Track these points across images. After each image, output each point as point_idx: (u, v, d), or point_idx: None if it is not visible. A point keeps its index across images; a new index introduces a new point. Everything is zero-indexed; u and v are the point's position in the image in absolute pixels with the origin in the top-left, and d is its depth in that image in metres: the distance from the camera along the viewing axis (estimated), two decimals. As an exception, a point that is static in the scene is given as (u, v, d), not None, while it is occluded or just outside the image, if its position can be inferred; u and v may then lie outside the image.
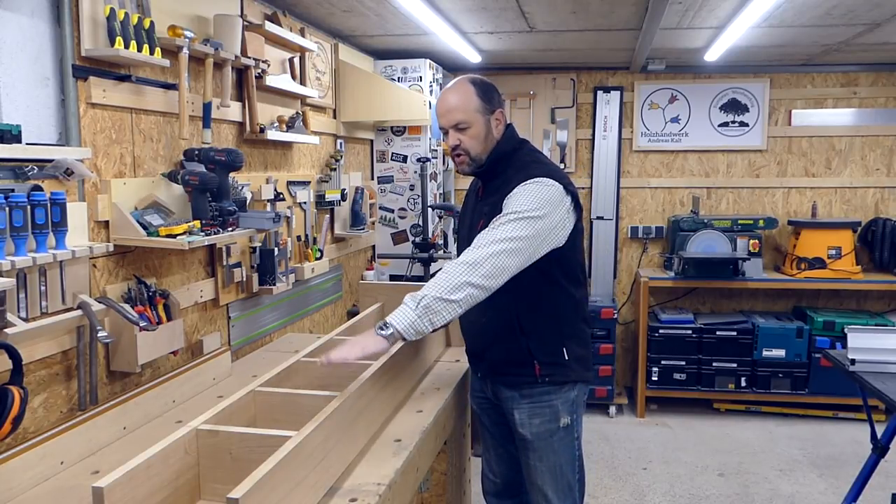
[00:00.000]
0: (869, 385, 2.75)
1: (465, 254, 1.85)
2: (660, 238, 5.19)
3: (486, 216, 2.02)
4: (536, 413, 2.07)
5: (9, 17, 1.74)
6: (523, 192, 1.91)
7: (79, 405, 1.91)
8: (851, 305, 5.03)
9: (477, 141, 2.04)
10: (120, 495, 1.27)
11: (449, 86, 2.09)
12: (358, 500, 1.53)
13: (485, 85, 2.06)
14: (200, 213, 2.20)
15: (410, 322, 1.78)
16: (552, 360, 2.03)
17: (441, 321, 1.81)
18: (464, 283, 1.79)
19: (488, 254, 1.81)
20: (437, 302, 1.78)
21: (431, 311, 1.78)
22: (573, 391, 2.09)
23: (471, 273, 1.80)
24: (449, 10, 3.27)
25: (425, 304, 1.78)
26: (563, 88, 5.15)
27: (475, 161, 2.06)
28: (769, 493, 3.68)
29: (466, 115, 2.02)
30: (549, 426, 2.07)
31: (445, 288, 1.79)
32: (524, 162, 2.04)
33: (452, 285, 1.79)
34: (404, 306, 1.80)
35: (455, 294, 1.79)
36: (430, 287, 1.80)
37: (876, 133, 4.95)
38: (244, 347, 2.83)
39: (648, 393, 4.77)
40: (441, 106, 2.06)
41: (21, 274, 1.71)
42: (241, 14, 2.70)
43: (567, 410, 2.08)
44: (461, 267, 1.81)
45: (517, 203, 1.89)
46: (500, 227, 1.86)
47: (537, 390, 2.06)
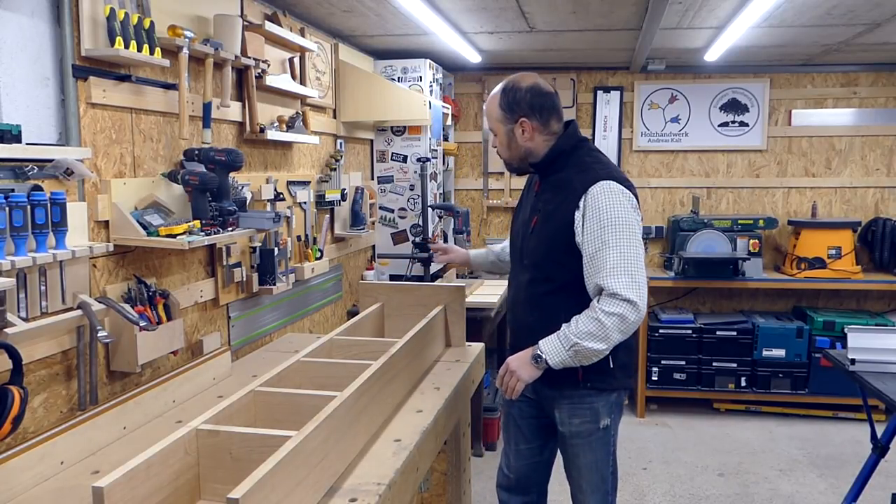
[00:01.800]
0: (869, 385, 2.75)
1: (621, 305, 1.87)
2: (660, 238, 5.19)
3: (539, 212, 2.07)
4: (577, 413, 2.11)
5: (9, 17, 1.74)
6: (604, 200, 1.93)
7: (79, 405, 1.91)
8: (851, 305, 5.03)
9: (503, 147, 2.12)
10: (120, 495, 1.27)
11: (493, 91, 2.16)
12: (358, 500, 1.53)
13: (513, 92, 2.06)
14: (200, 213, 2.20)
15: (561, 360, 1.93)
16: (597, 367, 2.01)
17: (587, 362, 1.94)
18: (613, 333, 1.88)
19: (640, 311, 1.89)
20: (585, 350, 1.90)
21: (580, 356, 1.92)
22: (613, 395, 2.12)
23: (622, 329, 1.88)
24: (449, 10, 3.27)
25: (576, 350, 1.90)
26: (563, 88, 5.15)
27: (509, 164, 2.15)
28: (769, 493, 3.68)
29: (492, 123, 2.12)
30: (588, 426, 2.11)
31: (595, 337, 1.89)
32: (585, 163, 2.05)
33: (602, 336, 1.88)
34: (557, 342, 1.93)
35: (602, 343, 1.89)
36: (582, 333, 1.89)
37: (876, 133, 4.95)
38: (244, 347, 2.83)
39: (648, 393, 4.77)
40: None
41: (21, 274, 1.71)
42: (241, 14, 2.70)
43: (607, 413, 2.11)
44: (613, 320, 1.87)
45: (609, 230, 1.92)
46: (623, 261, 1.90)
47: (578, 392, 2.08)
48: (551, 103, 2.08)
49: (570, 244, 1.97)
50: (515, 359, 2.00)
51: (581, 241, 1.95)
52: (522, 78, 2.08)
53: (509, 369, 1.99)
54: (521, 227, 2.19)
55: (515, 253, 2.23)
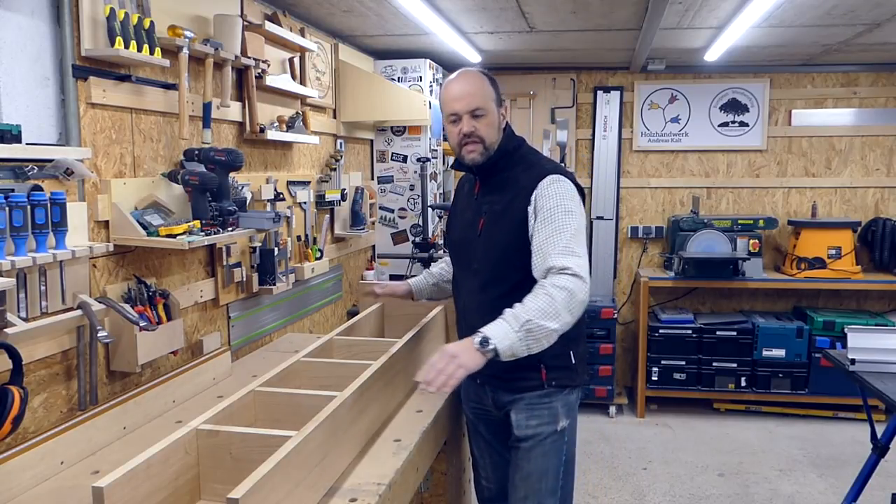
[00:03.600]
0: (869, 385, 2.75)
1: (568, 279, 1.75)
2: (660, 238, 5.19)
3: (486, 214, 1.99)
4: (535, 415, 2.01)
5: (9, 17, 1.74)
6: (556, 191, 1.89)
7: (79, 405, 1.91)
8: (851, 305, 5.03)
9: (492, 130, 1.97)
10: (120, 495, 1.27)
11: (459, 73, 2.00)
12: (358, 500, 1.53)
13: (493, 78, 2.03)
14: (200, 213, 2.20)
15: (511, 343, 1.68)
16: (559, 364, 1.97)
17: (537, 348, 1.72)
18: (563, 310, 1.72)
19: (587, 284, 1.77)
20: (538, 329, 1.69)
21: (531, 337, 1.70)
22: (573, 394, 2.04)
23: (571, 301, 1.73)
24: (449, 10, 3.27)
25: (528, 329, 1.69)
26: (563, 88, 5.15)
27: (488, 150, 1.98)
28: (769, 493, 3.68)
29: (484, 101, 1.95)
30: (545, 428, 2.00)
31: (547, 314, 1.70)
32: (530, 160, 2.01)
33: (553, 311, 1.71)
34: (505, 324, 1.70)
35: (555, 321, 1.71)
36: (532, 310, 1.70)
37: (876, 133, 4.95)
38: (244, 347, 2.83)
39: (648, 393, 4.77)
40: (455, 90, 1.96)
41: (21, 274, 1.71)
42: (241, 14, 2.70)
43: (565, 413, 2.02)
44: (561, 293, 1.72)
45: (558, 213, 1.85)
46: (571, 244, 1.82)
47: (536, 393, 2.00)
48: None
49: (522, 242, 1.91)
50: (455, 346, 1.73)
51: (532, 234, 1.89)
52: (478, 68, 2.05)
53: (447, 353, 1.70)
54: (464, 233, 2.09)
55: (462, 259, 2.12)
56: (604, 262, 5.18)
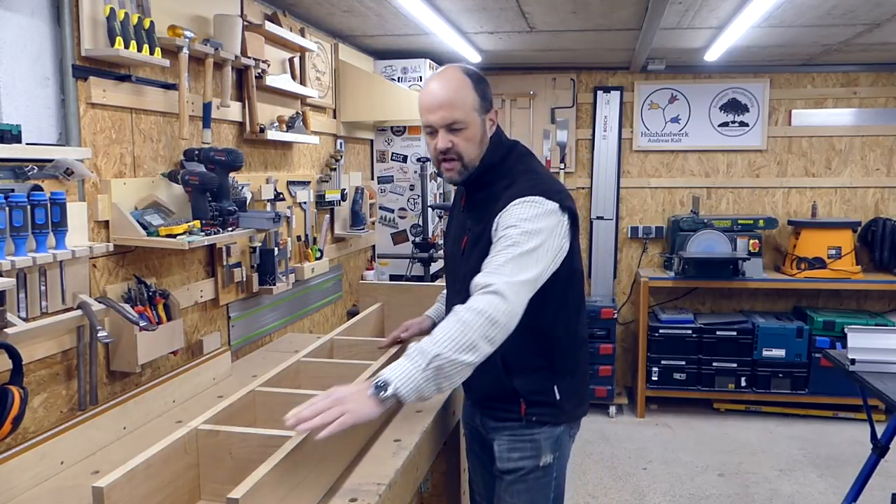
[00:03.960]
0: (869, 385, 2.75)
1: (486, 299, 1.50)
2: (660, 238, 5.19)
3: (469, 232, 1.81)
4: (517, 447, 1.84)
5: (9, 17, 1.74)
6: (519, 213, 1.64)
7: (79, 405, 1.91)
8: (851, 305, 5.03)
9: (472, 144, 1.74)
10: (120, 495, 1.27)
11: (438, 74, 1.75)
12: (358, 500, 1.53)
13: (480, 78, 1.77)
14: (200, 213, 2.20)
15: (416, 386, 1.44)
16: (541, 400, 1.79)
17: (450, 387, 1.49)
18: (480, 339, 1.47)
19: (510, 303, 1.51)
20: (449, 366, 1.45)
21: (443, 375, 1.45)
22: (559, 428, 1.84)
23: (489, 327, 1.48)
24: (449, 10, 3.27)
25: (437, 366, 1.44)
26: (563, 88, 5.15)
27: (467, 168, 1.76)
28: (769, 493, 3.68)
29: (464, 113, 1.70)
30: (527, 462, 1.83)
31: (460, 346, 1.46)
32: (513, 173, 1.78)
33: (468, 342, 1.46)
34: (410, 364, 1.45)
35: (470, 354, 1.46)
36: (442, 342, 1.46)
37: (876, 133, 4.95)
38: (244, 347, 2.83)
39: (648, 393, 4.77)
40: (430, 99, 1.72)
41: (21, 274, 1.71)
42: (241, 14, 2.70)
43: (550, 448, 1.83)
44: (478, 318, 1.48)
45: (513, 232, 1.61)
46: (507, 264, 1.56)
47: (518, 424, 1.83)
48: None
49: None
50: (347, 389, 1.46)
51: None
52: (466, 65, 1.80)
53: (334, 395, 1.44)
54: (452, 248, 1.93)
55: (450, 275, 1.97)
56: (604, 262, 5.18)
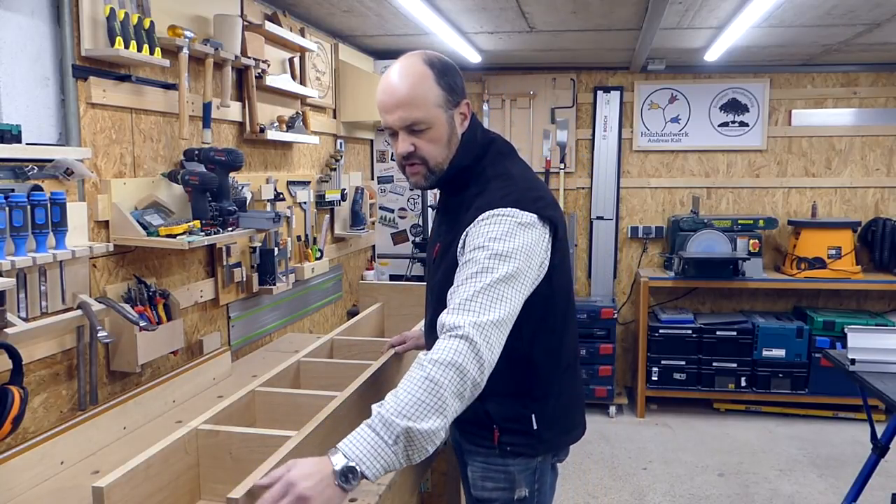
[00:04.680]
0: (869, 385, 2.75)
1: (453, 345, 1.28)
2: (660, 238, 5.19)
3: (441, 240, 1.63)
4: (490, 476, 1.64)
5: (9, 17, 1.74)
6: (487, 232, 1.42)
7: (79, 405, 1.91)
8: (851, 305, 5.03)
9: (438, 146, 1.53)
10: (120, 495, 1.27)
11: (396, 67, 1.52)
12: (358, 500, 1.53)
13: (445, 67, 1.54)
14: (200, 213, 2.20)
15: (387, 463, 1.23)
16: (516, 428, 1.59)
17: (422, 457, 1.26)
18: (452, 396, 1.26)
19: (478, 349, 1.29)
20: (421, 437, 1.23)
21: (413, 448, 1.24)
22: (536, 459, 1.63)
23: (460, 381, 1.27)
24: (449, 10, 3.27)
25: (409, 438, 1.23)
26: (563, 88, 5.15)
27: (434, 173, 1.56)
28: (769, 493, 3.68)
29: (425, 111, 1.50)
30: (501, 494, 1.64)
31: (430, 409, 1.24)
32: (486, 176, 1.56)
33: (438, 404, 1.24)
34: (375, 437, 1.23)
35: (441, 417, 1.25)
36: (409, 406, 1.23)
37: (876, 133, 4.95)
38: (244, 347, 2.83)
39: (648, 393, 4.77)
40: (387, 97, 1.51)
41: (21, 274, 1.71)
42: (241, 14, 2.70)
43: (526, 481, 1.63)
44: (447, 372, 1.26)
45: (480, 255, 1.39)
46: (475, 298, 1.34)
47: (494, 452, 1.62)
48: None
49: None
50: (305, 473, 1.20)
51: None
52: (432, 52, 1.59)
53: (295, 493, 1.17)
54: (429, 254, 1.75)
55: (427, 284, 1.78)
56: (604, 262, 5.18)
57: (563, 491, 2.39)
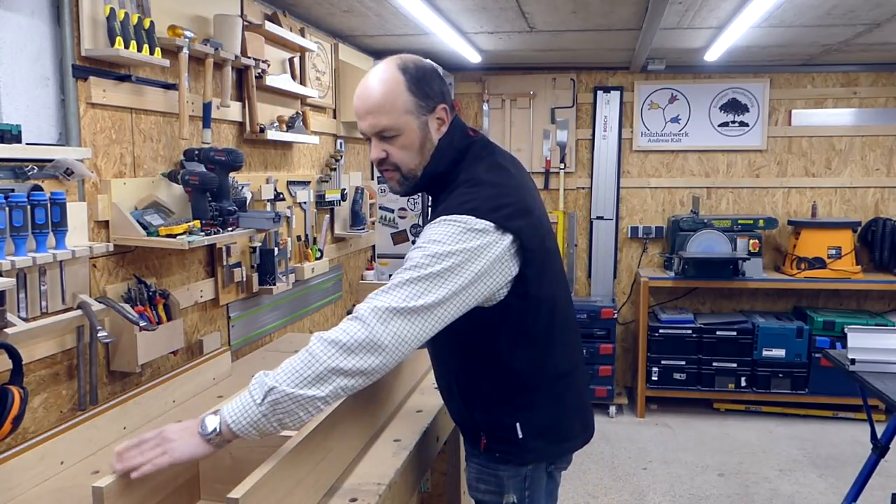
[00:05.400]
0: (869, 385, 2.75)
1: (343, 325, 1.33)
2: (660, 238, 5.19)
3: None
4: (482, 479, 1.65)
5: (9, 17, 1.74)
6: (430, 234, 1.42)
7: (79, 405, 1.91)
8: (851, 305, 5.03)
9: (410, 153, 1.53)
10: (120, 495, 1.27)
11: (370, 73, 1.54)
12: (358, 499, 1.53)
13: (420, 71, 1.52)
14: (200, 213, 2.20)
15: (253, 420, 1.28)
16: (502, 436, 1.57)
17: (294, 424, 1.31)
18: (330, 372, 1.29)
19: (369, 329, 1.31)
20: (288, 400, 1.27)
21: (281, 411, 1.28)
22: (527, 467, 1.61)
23: (341, 357, 1.29)
24: (449, 10, 3.27)
25: (273, 400, 1.27)
26: (563, 88, 5.15)
27: (408, 178, 1.57)
28: (769, 493, 3.68)
29: (394, 118, 1.50)
30: (491, 498, 1.64)
31: (304, 378, 1.28)
32: (457, 183, 1.53)
33: (314, 374, 1.28)
34: (248, 396, 1.30)
35: (317, 387, 1.28)
36: (284, 373, 1.29)
37: (876, 133, 4.95)
38: (244, 347, 2.83)
39: (648, 393, 4.77)
40: (359, 103, 1.53)
41: (21, 274, 1.71)
42: (241, 14, 2.70)
43: (515, 487, 1.61)
44: (328, 348, 1.30)
45: (416, 254, 1.40)
46: (391, 289, 1.36)
47: (485, 456, 1.64)
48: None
49: None
50: (174, 427, 1.34)
51: None
52: (409, 56, 1.56)
53: (161, 434, 1.31)
54: None
55: None
56: (604, 262, 5.18)
57: (563, 491, 2.38)
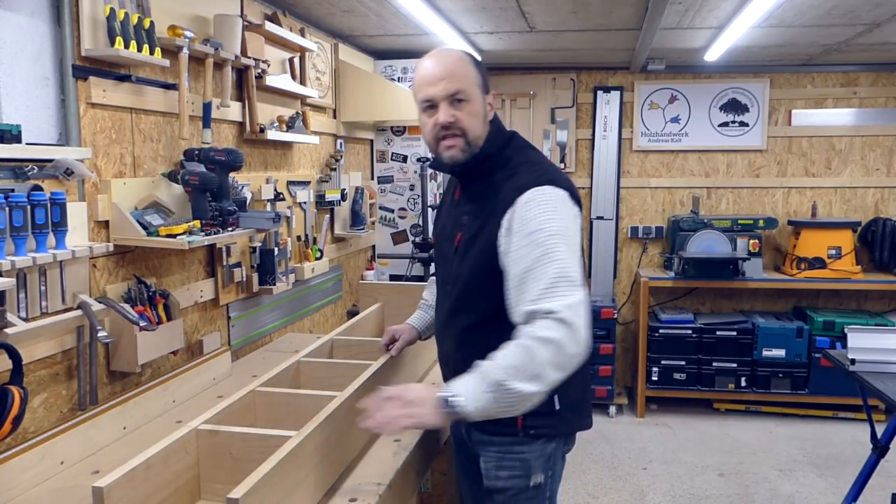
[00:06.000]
0: (869, 385, 2.75)
1: (549, 325, 1.41)
2: (660, 238, 5.19)
3: (463, 228, 1.68)
4: (505, 465, 1.70)
5: (9, 17, 1.74)
6: (537, 212, 1.52)
7: (79, 405, 1.91)
8: (851, 305, 5.03)
9: (477, 120, 1.63)
10: (120, 495, 1.27)
11: (435, 52, 1.66)
12: (358, 500, 1.53)
13: (477, 60, 1.69)
14: (200, 213, 2.20)
15: (482, 406, 1.40)
16: (540, 411, 1.56)
17: (515, 412, 1.44)
18: (548, 368, 1.40)
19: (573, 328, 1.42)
20: (512, 393, 1.39)
21: (506, 401, 1.40)
22: (552, 445, 1.69)
23: (556, 355, 1.40)
24: (449, 10, 3.27)
25: (505, 390, 1.39)
26: (563, 88, 5.15)
27: (471, 146, 1.64)
28: (769, 493, 3.68)
29: (467, 84, 1.61)
30: (516, 482, 1.69)
31: (526, 375, 1.39)
32: (515, 164, 1.66)
33: (534, 372, 1.39)
34: (474, 382, 1.41)
35: (536, 384, 1.39)
36: (505, 368, 1.40)
37: (876, 133, 4.95)
38: (244, 347, 2.83)
39: (648, 393, 4.77)
40: (429, 72, 1.61)
41: (21, 274, 1.71)
42: (241, 14, 2.70)
43: (541, 467, 1.69)
44: (544, 347, 1.40)
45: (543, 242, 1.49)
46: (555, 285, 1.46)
47: (510, 440, 1.68)
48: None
49: (492, 268, 1.58)
50: (417, 392, 1.46)
51: (505, 263, 1.54)
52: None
53: (405, 399, 1.45)
54: (442, 245, 1.80)
55: (440, 275, 1.83)
56: (604, 262, 5.18)
57: (564, 491, 2.38)
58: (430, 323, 2.05)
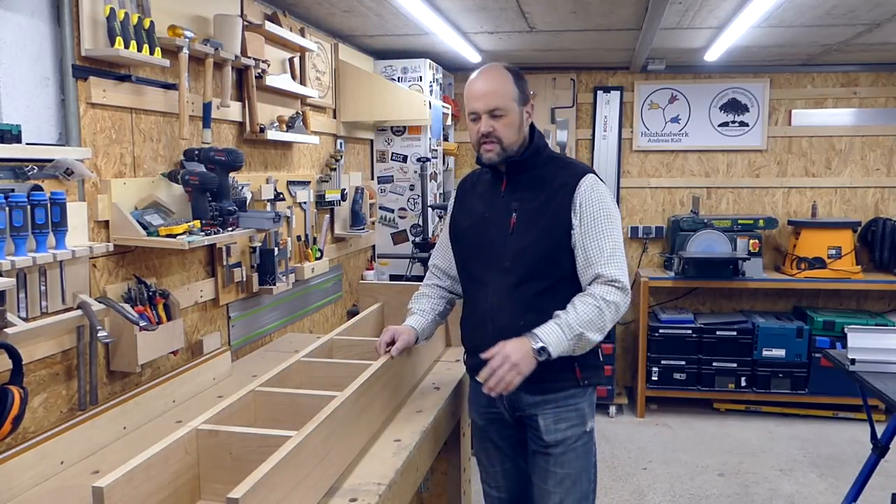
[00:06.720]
0: (869, 385, 2.75)
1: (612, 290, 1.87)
2: (660, 238, 5.19)
3: (518, 211, 1.96)
4: (563, 417, 1.96)
5: (9, 17, 1.74)
6: (598, 196, 1.93)
7: (79, 405, 1.91)
8: (851, 305, 5.03)
9: (512, 130, 1.96)
10: (120, 495, 1.27)
11: (483, 69, 2.00)
12: (358, 500, 1.53)
13: (519, 75, 2.02)
14: (200, 213, 2.20)
15: (563, 350, 1.81)
16: (591, 363, 1.98)
17: (578, 352, 1.86)
18: (609, 323, 1.86)
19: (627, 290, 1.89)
20: (587, 340, 1.83)
21: (579, 346, 1.83)
22: (594, 393, 2.06)
23: (616, 314, 1.86)
24: (449, 10, 3.27)
25: (580, 338, 1.81)
26: (563, 88, 5.15)
27: (506, 151, 1.96)
28: (769, 493, 3.68)
29: (504, 101, 1.95)
30: (575, 430, 1.97)
31: (596, 327, 1.83)
32: (560, 159, 2.07)
33: (601, 325, 1.85)
34: (559, 331, 1.80)
35: (601, 334, 1.86)
36: (583, 320, 1.81)
37: (876, 133, 4.95)
38: (244, 347, 2.83)
39: (648, 393, 4.77)
40: (475, 89, 1.97)
41: (21, 274, 1.71)
42: (241, 14, 2.70)
43: (592, 413, 2.02)
44: (609, 308, 1.85)
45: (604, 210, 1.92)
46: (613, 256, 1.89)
47: (563, 394, 1.96)
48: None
49: (562, 240, 1.91)
50: (515, 349, 1.77)
51: (579, 234, 1.90)
52: (508, 64, 2.05)
53: (510, 361, 1.76)
54: (486, 232, 2.01)
55: (485, 259, 2.00)
56: (604, 262, 5.17)
57: (563, 491, 2.38)
58: (428, 327, 2.18)
